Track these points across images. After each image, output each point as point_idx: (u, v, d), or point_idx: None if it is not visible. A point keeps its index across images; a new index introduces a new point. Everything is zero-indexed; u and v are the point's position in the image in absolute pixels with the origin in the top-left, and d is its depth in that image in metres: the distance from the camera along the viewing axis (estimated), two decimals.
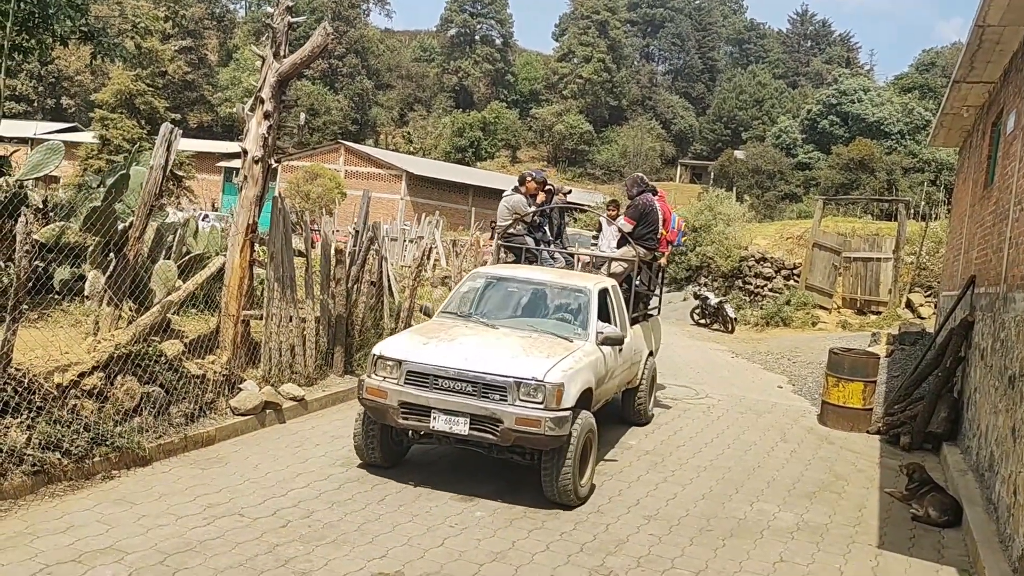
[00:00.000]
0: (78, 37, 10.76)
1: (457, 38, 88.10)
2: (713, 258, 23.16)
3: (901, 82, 67.74)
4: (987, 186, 10.17)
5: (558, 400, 6.25)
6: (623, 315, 8.44)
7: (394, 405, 6.48)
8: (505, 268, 8.85)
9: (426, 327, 7.67)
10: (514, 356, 6.60)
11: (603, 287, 8.18)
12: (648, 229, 9.69)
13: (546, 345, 6.93)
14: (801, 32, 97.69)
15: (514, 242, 9.96)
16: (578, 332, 7.44)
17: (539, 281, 8.22)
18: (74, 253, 8.47)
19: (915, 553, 6.35)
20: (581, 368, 6.76)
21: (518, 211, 9.94)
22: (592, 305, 7.69)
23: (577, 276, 8.62)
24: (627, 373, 8.58)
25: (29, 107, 67.56)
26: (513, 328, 7.41)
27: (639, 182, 10.04)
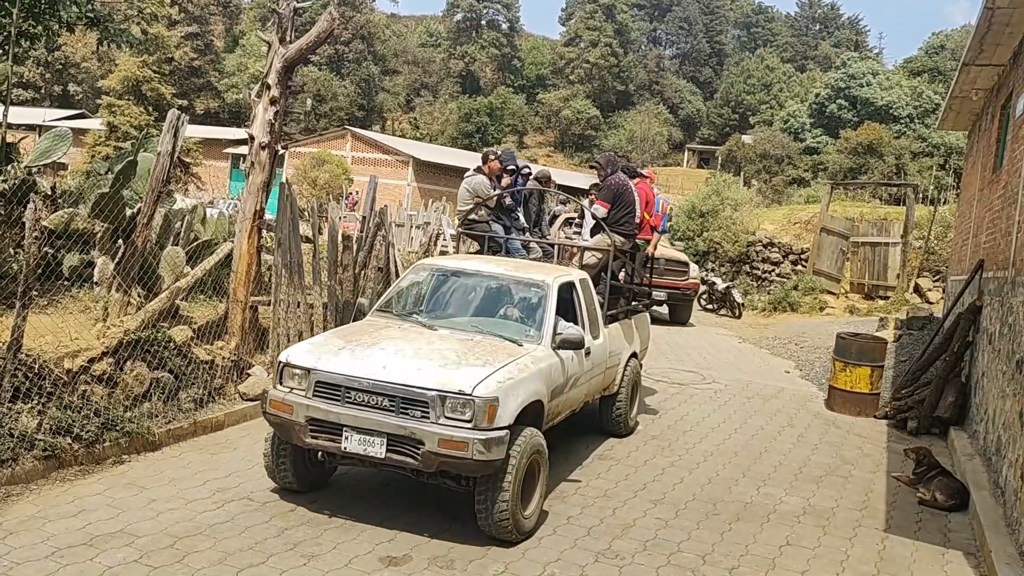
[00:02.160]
0: (85, 23, 10.75)
1: (463, 23, 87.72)
2: (720, 243, 23.11)
3: (910, 65, 67.20)
4: (996, 170, 10.12)
5: (490, 418, 5.27)
6: (594, 313, 7.45)
7: (300, 422, 5.49)
8: (453, 259, 7.70)
9: (350, 329, 6.72)
10: (443, 365, 5.57)
11: (566, 281, 7.11)
12: (624, 213, 8.46)
13: (486, 351, 5.91)
14: (809, 15, 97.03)
15: (476, 229, 8.96)
16: (530, 334, 6.41)
17: (490, 274, 7.10)
18: (83, 239, 8.49)
19: (922, 537, 6.37)
20: (526, 378, 5.75)
21: (480, 194, 8.98)
22: (549, 302, 6.64)
23: (536, 268, 7.36)
24: (600, 379, 7.60)
25: (37, 94, 67.59)
26: (454, 330, 6.40)
27: (612, 161, 8.87)
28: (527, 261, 8.34)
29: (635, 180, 8.98)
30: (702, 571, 5.41)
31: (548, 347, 6.33)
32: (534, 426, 5.80)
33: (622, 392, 8.17)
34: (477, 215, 8.95)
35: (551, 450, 6.16)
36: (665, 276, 15.89)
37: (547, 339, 6.39)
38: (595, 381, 7.44)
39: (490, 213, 9.16)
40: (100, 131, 44.61)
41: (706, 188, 27.49)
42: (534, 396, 5.82)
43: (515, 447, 5.42)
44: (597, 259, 8.37)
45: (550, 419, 6.37)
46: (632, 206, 8.51)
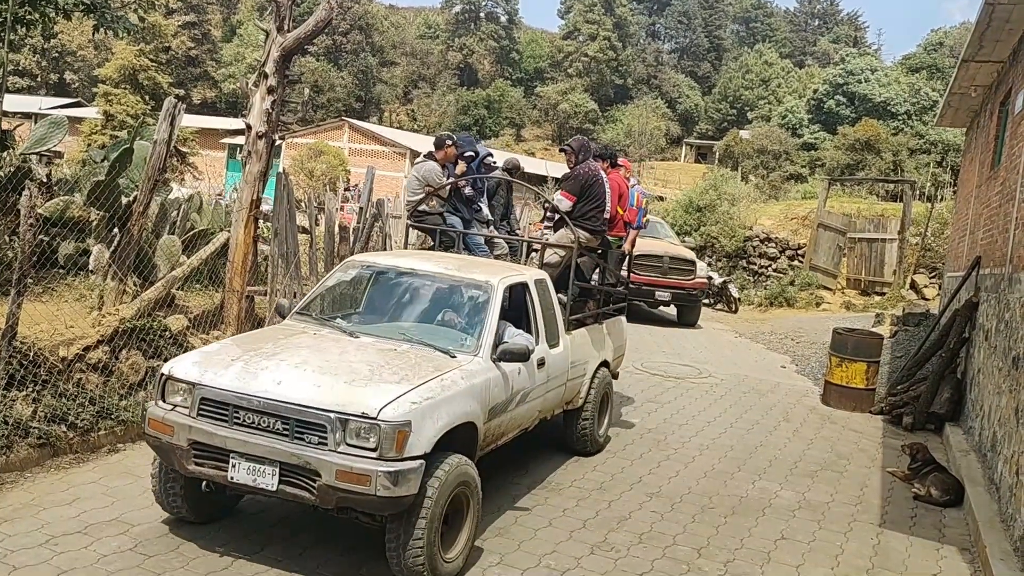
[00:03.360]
0: (81, 10, 10.68)
1: (462, 15, 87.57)
2: (717, 238, 23.11)
3: (909, 62, 67.27)
4: (994, 166, 10.12)
5: (399, 445, 4.44)
6: (553, 318, 6.59)
7: (182, 445, 4.68)
8: (387, 256, 6.89)
9: (256, 335, 5.92)
10: (350, 381, 4.74)
11: (515, 283, 6.23)
12: (591, 206, 7.50)
13: (408, 364, 5.07)
14: (808, 11, 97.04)
15: (427, 222, 8.12)
16: (466, 344, 5.55)
17: (427, 274, 6.19)
18: (78, 227, 8.47)
19: (916, 532, 6.38)
20: (452, 396, 4.90)
21: (430, 182, 8.13)
22: (492, 307, 5.76)
23: (482, 268, 6.40)
24: (560, 392, 6.71)
25: (33, 82, 67.35)
26: (379, 337, 5.57)
27: (585, 147, 7.88)
28: (474, 259, 7.23)
29: (612, 170, 8.28)
30: (697, 564, 5.41)
31: (487, 359, 5.45)
32: (465, 453, 4.99)
33: (588, 406, 7.25)
34: (428, 206, 8.10)
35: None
36: (670, 275, 15.50)
37: (486, 349, 5.50)
38: (553, 395, 6.54)
39: (446, 204, 8.34)
40: (96, 119, 44.46)
41: (703, 183, 27.50)
42: (463, 417, 4.97)
43: (433, 480, 4.59)
44: (560, 257, 7.47)
45: (488, 442, 5.55)
46: (601, 199, 7.58)
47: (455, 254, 7.45)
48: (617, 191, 8.16)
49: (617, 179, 8.29)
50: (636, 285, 14.70)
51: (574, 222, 7.36)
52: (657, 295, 15.38)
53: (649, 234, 16.37)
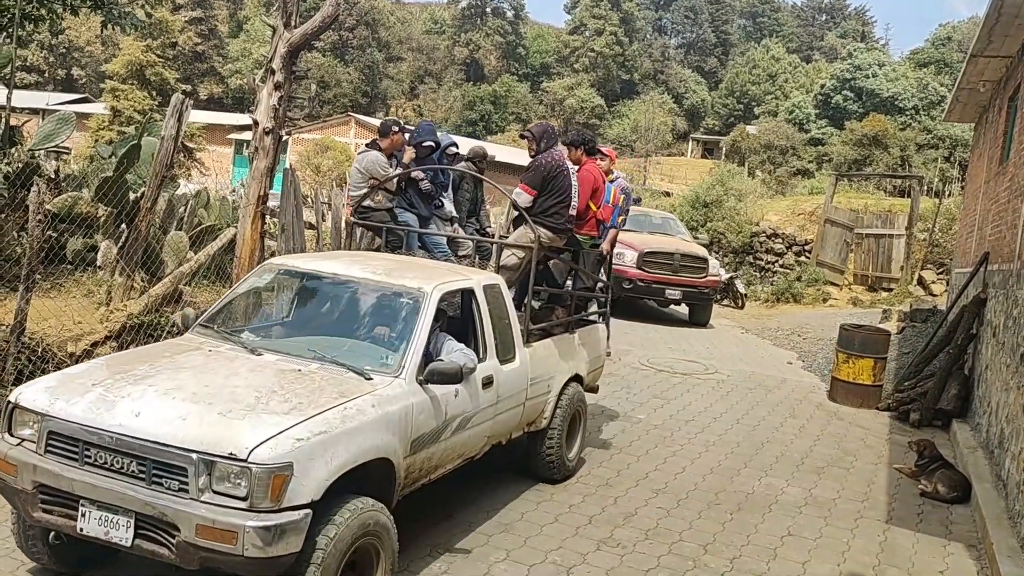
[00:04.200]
0: (89, 6, 10.71)
1: (468, 10, 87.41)
2: (724, 233, 23.05)
3: (917, 57, 66.98)
4: (1003, 162, 10.07)
5: (275, 493, 3.70)
6: (506, 329, 5.74)
7: (27, 488, 3.97)
8: (307, 259, 5.94)
9: (137, 353, 5.16)
10: (225, 412, 3.95)
11: (457, 288, 5.46)
12: (554, 201, 6.57)
13: (308, 388, 4.31)
14: (816, 5, 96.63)
15: (372, 219, 7.30)
16: (387, 362, 4.77)
17: (349, 279, 5.35)
18: (86, 223, 8.50)
19: (923, 529, 6.37)
20: (356, 428, 4.14)
21: (374, 175, 7.32)
22: (422, 318, 4.95)
23: (416, 271, 5.59)
24: (515, 413, 5.86)
25: (40, 78, 67.55)
26: (286, 355, 4.77)
27: (548, 133, 6.85)
28: (411, 261, 6.24)
29: (588, 159, 7.36)
30: (704, 561, 5.41)
31: (411, 380, 4.66)
32: (378, 494, 4.30)
33: (554, 428, 6.37)
34: (374, 200, 7.28)
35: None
36: (680, 273, 15.06)
37: (410, 369, 4.70)
38: (506, 417, 5.71)
39: (396, 199, 7.54)
40: (104, 115, 44.56)
41: (710, 178, 27.42)
42: (372, 453, 4.22)
43: (325, 533, 3.86)
44: (518, 259, 6.59)
45: (414, 479, 4.80)
46: (566, 192, 6.65)
47: (402, 255, 6.65)
48: (591, 184, 7.17)
49: (592, 171, 7.31)
50: (646, 283, 14.66)
51: (534, 219, 6.44)
52: (667, 293, 15.06)
53: (660, 231, 16.34)
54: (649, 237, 15.52)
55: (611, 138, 71.63)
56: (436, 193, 7.90)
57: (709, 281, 15.54)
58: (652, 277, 14.71)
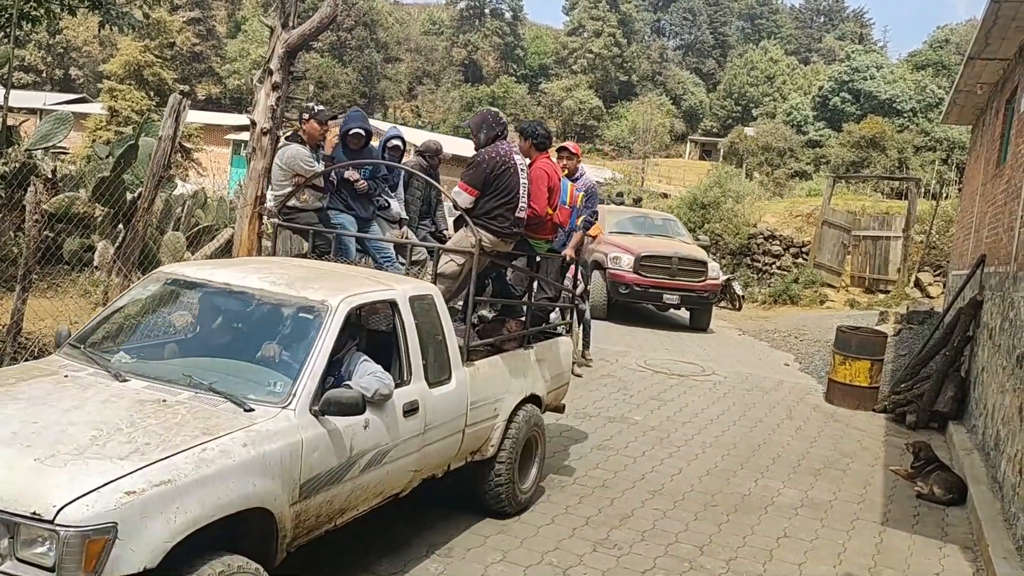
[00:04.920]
0: (86, 6, 10.72)
1: (467, 11, 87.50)
2: (721, 235, 23.07)
3: (914, 59, 67.09)
4: (999, 164, 10.10)
5: (90, 563, 3.02)
6: (439, 347, 5.04)
7: None
8: (201, 267, 4.99)
9: None
10: (44, 457, 3.26)
11: (372, 301, 4.75)
12: (498, 201, 5.79)
13: (165, 425, 3.61)
14: (814, 7, 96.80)
15: (299, 221, 6.48)
16: (275, 390, 4.05)
17: (243, 291, 4.54)
18: (83, 223, 8.50)
19: (919, 531, 6.38)
20: (217, 474, 3.43)
21: (297, 170, 6.51)
22: (322, 337, 4.23)
23: (325, 281, 4.76)
24: (453, 442, 5.14)
25: (38, 77, 67.48)
26: (155, 380, 4.06)
27: (488, 123, 6.02)
28: (322, 269, 5.31)
29: (540, 155, 6.41)
30: (700, 562, 5.42)
31: (303, 412, 3.96)
32: (255, 550, 3.65)
33: (503, 456, 5.62)
34: (299, 200, 6.49)
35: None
36: (678, 277, 14.63)
37: (303, 398, 3.99)
38: (439, 447, 4.98)
39: (326, 198, 6.76)
40: (101, 115, 44.53)
41: (708, 180, 27.44)
42: (238, 504, 3.51)
43: None
44: (458, 266, 5.83)
45: (309, 528, 4.07)
46: (512, 191, 5.85)
47: (328, 263, 5.78)
48: (544, 183, 6.24)
49: (545, 168, 6.34)
50: (643, 288, 14.39)
51: (476, 221, 5.68)
52: (665, 298, 14.71)
53: (660, 233, 16.11)
54: (647, 240, 15.35)
55: (609, 139, 71.79)
56: (377, 192, 7.09)
57: (709, 285, 15.06)
58: (649, 281, 14.44)
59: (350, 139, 6.91)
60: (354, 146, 6.91)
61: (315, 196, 6.59)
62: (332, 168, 6.61)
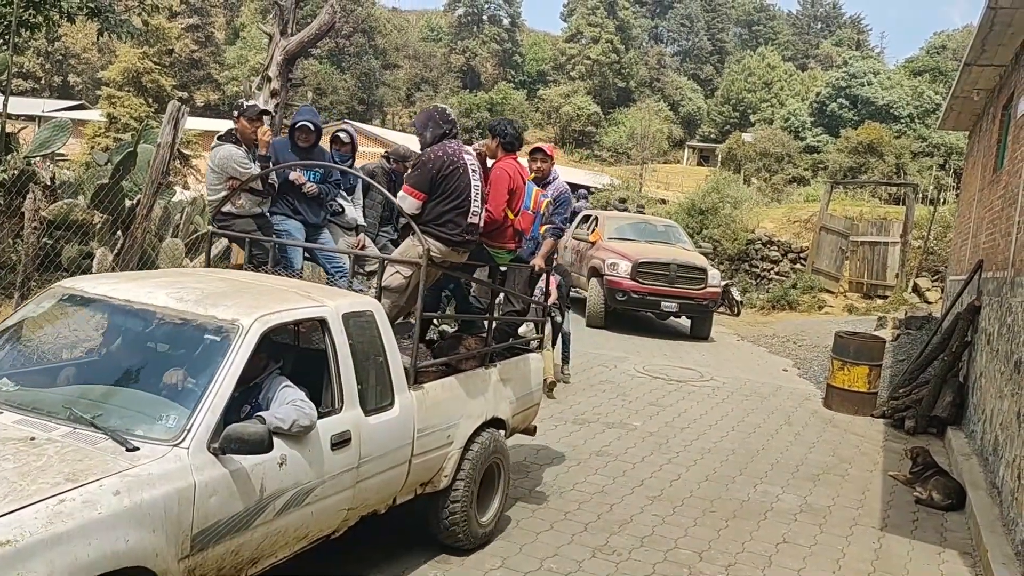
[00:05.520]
0: (85, 13, 10.74)
1: (465, 18, 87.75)
2: (720, 241, 23.10)
3: (911, 65, 67.23)
4: (996, 170, 10.12)
5: None
6: (384, 368, 4.56)
7: None
8: (103, 281, 4.38)
9: None
10: None
11: (288, 320, 4.16)
12: (448, 206, 5.23)
13: (20, 470, 3.10)
14: (811, 14, 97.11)
15: (235, 227, 5.90)
16: (166, 424, 3.52)
17: (145, 309, 3.98)
18: (82, 230, 8.50)
19: (918, 536, 6.39)
20: (75, 531, 2.91)
21: (231, 174, 5.92)
22: (228, 363, 3.70)
23: (237, 298, 4.14)
24: (398, 474, 4.63)
25: (36, 84, 67.53)
26: (31, 412, 3.57)
27: (435, 120, 5.47)
28: (249, 282, 4.66)
29: (505, 155, 5.88)
30: (699, 568, 5.42)
31: (199, 449, 3.44)
32: None
33: (459, 487, 5.11)
34: (235, 205, 5.92)
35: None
36: (677, 284, 14.27)
37: (199, 434, 3.47)
38: (377, 482, 4.45)
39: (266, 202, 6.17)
40: (100, 122, 44.58)
41: (706, 186, 27.49)
42: (105, 564, 2.98)
43: None
44: (404, 278, 5.21)
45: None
46: (463, 195, 5.27)
47: (255, 275, 5.10)
48: (505, 185, 5.70)
49: (507, 169, 5.77)
50: (640, 295, 14.14)
51: (423, 228, 5.13)
52: (663, 305, 14.32)
53: (661, 239, 15.89)
54: (645, 246, 15.19)
55: (607, 145, 71.88)
56: (329, 196, 6.54)
57: (708, 293, 14.64)
58: (647, 288, 14.17)
59: (298, 133, 6.36)
60: (303, 142, 6.38)
61: (252, 201, 6.02)
62: (270, 170, 6.02)
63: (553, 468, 7.01)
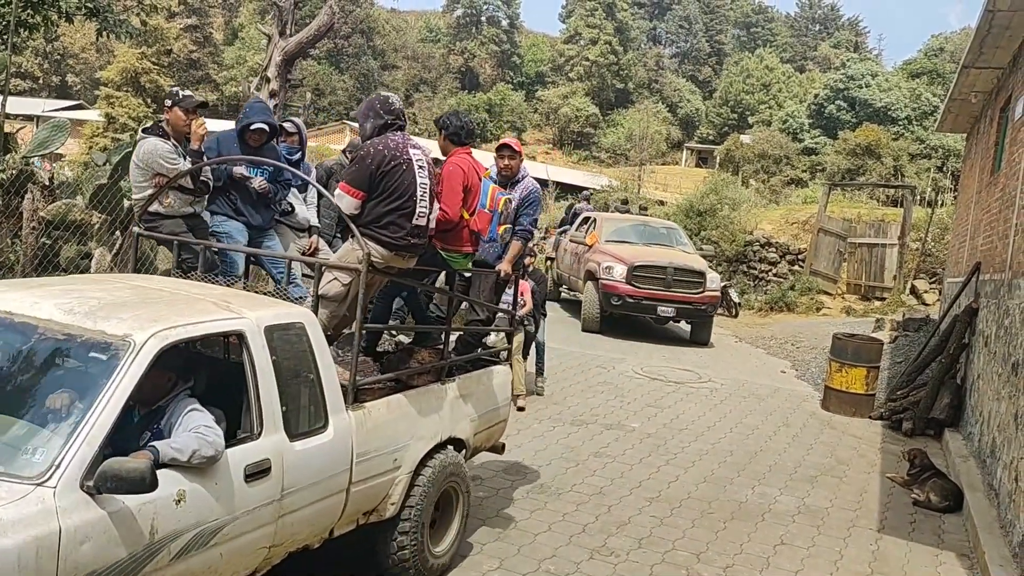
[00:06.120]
0: (84, 13, 10.74)
1: (463, 19, 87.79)
2: (718, 242, 23.12)
3: (909, 67, 67.32)
4: (994, 172, 10.14)
5: None
6: (316, 386, 4.07)
7: None
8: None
9: None
10: None
11: (193, 336, 3.61)
12: (390, 206, 4.67)
13: None
14: (809, 16, 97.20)
15: (162, 229, 5.44)
16: (32, 460, 3.03)
17: (27, 322, 3.46)
18: (80, 231, 8.49)
19: (915, 538, 6.39)
20: None
21: (157, 170, 5.44)
22: (112, 387, 3.19)
23: (139, 310, 3.61)
24: (333, 505, 4.15)
25: (35, 84, 67.46)
26: None
27: (375, 110, 4.84)
28: (162, 290, 4.12)
29: (457, 150, 5.44)
30: (696, 569, 5.42)
31: (69, 489, 2.95)
32: None
33: (409, 516, 4.64)
34: (162, 204, 5.45)
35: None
36: (674, 288, 13.73)
37: (70, 470, 2.98)
38: (307, 515, 3.97)
39: (201, 201, 5.72)
40: (98, 122, 44.53)
41: (704, 187, 27.51)
42: None
43: None
44: (343, 286, 4.63)
45: None
46: (408, 194, 4.71)
47: (175, 281, 4.56)
48: (459, 182, 5.23)
49: (461, 163, 5.30)
50: (635, 299, 13.65)
51: (363, 231, 4.58)
52: (659, 310, 13.78)
53: (661, 242, 15.46)
54: (642, 249, 14.74)
55: (605, 147, 71.93)
56: (278, 195, 6.05)
57: (707, 297, 14.07)
58: (643, 292, 13.64)
59: (251, 135, 5.83)
60: (255, 143, 5.86)
61: (183, 200, 5.53)
62: (200, 165, 5.49)
63: (551, 469, 7.01)
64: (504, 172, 6.31)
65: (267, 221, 6.03)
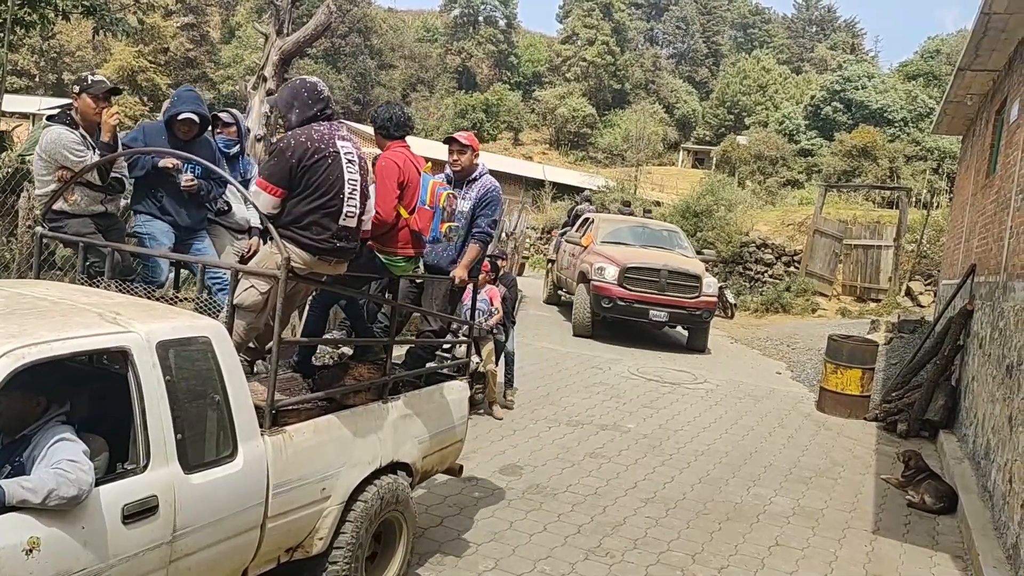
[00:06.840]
0: (80, 11, 10.70)
1: (461, 19, 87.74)
2: (714, 243, 23.14)
3: (906, 69, 67.46)
4: (989, 175, 10.16)
5: None
6: (218, 411, 3.54)
7: None
8: None
9: None
10: None
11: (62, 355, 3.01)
12: (313, 204, 4.16)
13: None
14: (806, 17, 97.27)
15: (67, 229, 4.91)
16: None
17: None
18: None
19: (910, 539, 6.41)
20: None
21: (61, 162, 4.93)
22: None
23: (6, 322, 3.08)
24: (244, 545, 3.63)
25: (31, 82, 67.31)
26: None
27: (303, 97, 4.32)
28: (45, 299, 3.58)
29: (392, 144, 4.94)
30: (692, 570, 5.43)
31: None
32: None
33: (339, 553, 4.16)
34: (68, 201, 4.94)
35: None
36: (668, 292, 13.27)
37: None
38: (209, 557, 3.45)
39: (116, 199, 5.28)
40: None
41: (700, 188, 27.53)
42: None
43: None
44: (260, 295, 4.14)
45: None
46: (334, 191, 4.20)
47: (70, 288, 4.05)
48: (393, 178, 4.73)
49: (396, 158, 4.81)
50: (627, 302, 13.16)
51: (282, 232, 4.08)
52: (651, 314, 13.24)
53: (659, 244, 15.08)
54: (637, 251, 14.31)
55: (602, 147, 71.93)
56: (212, 192, 5.53)
57: (703, 302, 13.54)
58: (635, 295, 13.18)
59: (179, 126, 5.30)
60: (184, 135, 5.33)
61: (91, 197, 5.01)
62: (109, 158, 4.95)
63: (546, 470, 7.02)
64: (455, 168, 5.72)
65: (198, 221, 5.48)
